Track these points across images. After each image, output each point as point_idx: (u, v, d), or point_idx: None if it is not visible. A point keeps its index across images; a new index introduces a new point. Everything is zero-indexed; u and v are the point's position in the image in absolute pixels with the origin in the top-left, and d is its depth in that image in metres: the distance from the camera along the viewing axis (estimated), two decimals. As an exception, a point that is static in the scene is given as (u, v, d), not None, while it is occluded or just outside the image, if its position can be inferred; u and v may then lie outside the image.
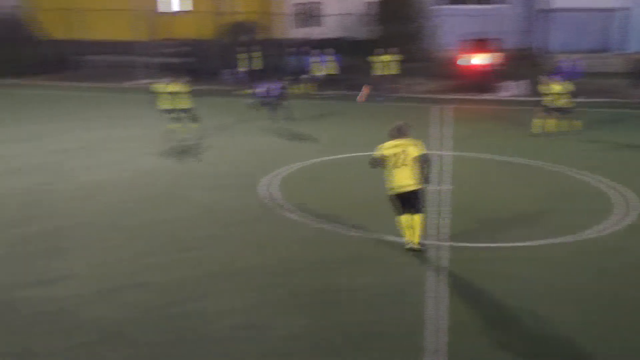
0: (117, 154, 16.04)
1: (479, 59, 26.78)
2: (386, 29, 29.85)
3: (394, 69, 25.06)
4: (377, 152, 9.48)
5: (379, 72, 25.11)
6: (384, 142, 9.56)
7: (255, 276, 8.99)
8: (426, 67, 29.01)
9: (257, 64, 26.88)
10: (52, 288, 8.50)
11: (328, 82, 26.26)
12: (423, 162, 9.39)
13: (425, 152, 9.50)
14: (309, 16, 34.05)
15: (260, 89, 19.53)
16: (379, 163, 9.49)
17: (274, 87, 19.49)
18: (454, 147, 16.98)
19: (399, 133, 9.52)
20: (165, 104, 16.82)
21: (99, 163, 15.18)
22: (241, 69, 26.93)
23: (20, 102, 24.79)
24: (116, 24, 30.78)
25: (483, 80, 26.42)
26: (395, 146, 9.37)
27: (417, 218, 9.47)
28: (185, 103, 16.80)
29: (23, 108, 23.18)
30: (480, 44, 27.14)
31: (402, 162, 9.26)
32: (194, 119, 17.24)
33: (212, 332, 7.43)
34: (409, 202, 9.38)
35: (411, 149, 9.35)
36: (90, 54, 31.76)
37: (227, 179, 13.90)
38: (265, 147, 17.01)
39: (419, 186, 9.40)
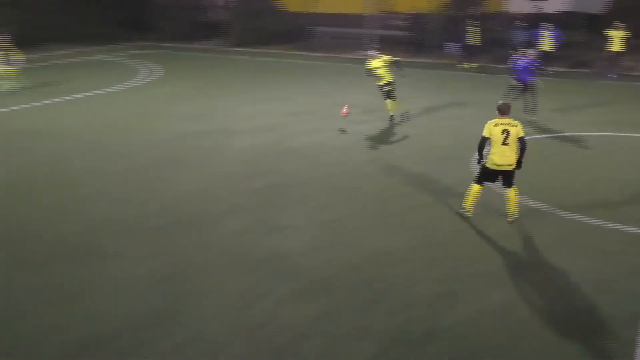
0: (338, 119, 16.80)
1: None
2: (620, 2, 27.06)
3: (623, 46, 22.94)
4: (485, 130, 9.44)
5: (614, 48, 23.03)
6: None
7: (465, 246, 8.99)
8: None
9: (477, 39, 26.04)
10: (272, 237, 9.23)
11: (546, 57, 24.52)
12: (522, 144, 9.32)
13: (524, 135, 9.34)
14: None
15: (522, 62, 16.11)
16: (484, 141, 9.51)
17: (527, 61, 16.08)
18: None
19: (501, 112, 9.46)
20: (380, 76, 16.66)
21: (323, 127, 15.96)
22: (469, 42, 26.23)
23: (261, 68, 26.87)
24: (346, -1, 31.86)
25: None
26: (498, 124, 9.35)
27: (511, 191, 9.59)
28: (388, 77, 16.29)
29: (261, 74, 25.10)
30: None
31: (505, 140, 9.26)
32: (391, 94, 16.38)
33: (408, 295, 7.59)
34: (505, 178, 9.53)
35: (513, 129, 9.26)
36: (322, 26, 33.38)
37: (444, 151, 13.91)
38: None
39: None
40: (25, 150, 13.68)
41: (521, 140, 9.25)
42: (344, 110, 16.16)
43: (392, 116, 16.44)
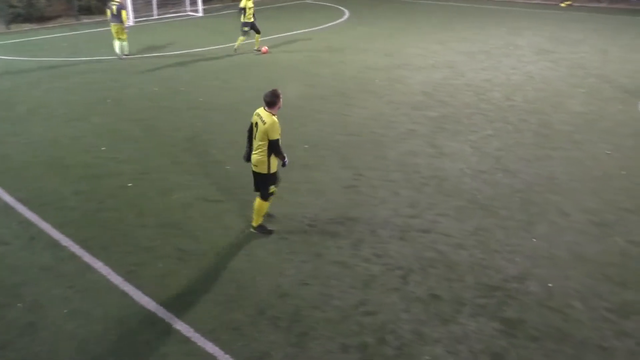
0: (510, 59, 15.89)
1: None
2: None
3: None
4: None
5: None
6: None
7: (618, 184, 8.33)
8: None
9: None
10: (439, 160, 9.22)
11: None
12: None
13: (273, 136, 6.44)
14: None
15: None
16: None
17: None
18: None
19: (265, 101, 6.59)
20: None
21: (495, 66, 15.25)
22: None
23: (447, 12, 25.88)
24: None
25: None
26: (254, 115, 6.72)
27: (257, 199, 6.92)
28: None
29: (433, 17, 24.20)
30: None
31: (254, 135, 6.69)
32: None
33: (562, 221, 7.30)
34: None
35: (262, 125, 6.49)
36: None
37: (602, 93, 12.64)
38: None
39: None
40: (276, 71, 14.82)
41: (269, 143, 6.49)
42: (263, 49, 16.78)
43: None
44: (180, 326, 5.35)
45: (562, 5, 24.03)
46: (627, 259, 6.46)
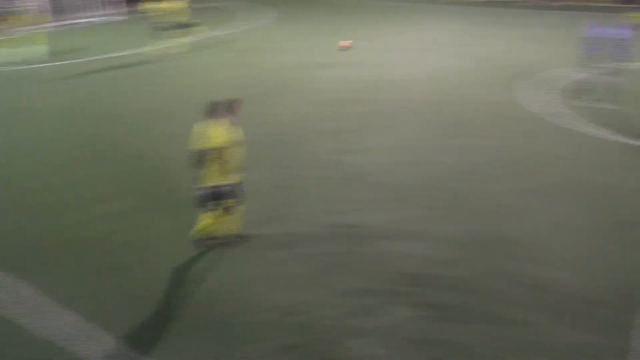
0: (424, 54, 16.37)
1: None
2: None
3: None
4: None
5: None
6: None
7: (523, 168, 8.74)
8: None
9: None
10: (359, 156, 9.29)
11: None
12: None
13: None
14: None
15: None
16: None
17: None
18: None
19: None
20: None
21: (415, 61, 15.64)
22: None
23: (364, 10, 26.29)
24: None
25: None
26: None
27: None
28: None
29: (366, 15, 24.55)
30: None
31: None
32: None
33: (476, 206, 7.56)
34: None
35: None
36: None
37: (509, 82, 13.31)
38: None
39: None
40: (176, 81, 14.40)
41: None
42: (345, 44, 16.93)
43: None
44: (110, 341, 5.11)
45: None
46: (541, 238, 6.77)
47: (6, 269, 6.31)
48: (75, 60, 16.75)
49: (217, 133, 5.99)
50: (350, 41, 17.40)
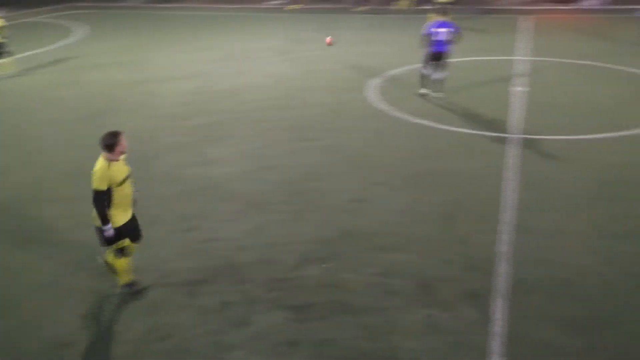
0: (255, 62, 16.55)
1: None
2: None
3: None
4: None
5: None
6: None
7: (368, 162, 9.25)
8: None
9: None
10: (209, 168, 9.20)
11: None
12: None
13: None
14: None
15: None
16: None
17: None
18: (535, 53, 16.06)
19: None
20: None
21: (244, 70, 15.67)
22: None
23: (172, 22, 25.70)
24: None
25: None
26: None
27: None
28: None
29: (177, 28, 24.02)
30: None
31: None
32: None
33: (328, 204, 7.86)
34: None
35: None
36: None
37: (342, 83, 14.04)
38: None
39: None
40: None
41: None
42: (327, 40, 17.95)
43: None
44: None
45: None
46: (389, 226, 7.24)
47: None
48: None
49: (119, 168, 5.45)
50: (331, 37, 18.46)
